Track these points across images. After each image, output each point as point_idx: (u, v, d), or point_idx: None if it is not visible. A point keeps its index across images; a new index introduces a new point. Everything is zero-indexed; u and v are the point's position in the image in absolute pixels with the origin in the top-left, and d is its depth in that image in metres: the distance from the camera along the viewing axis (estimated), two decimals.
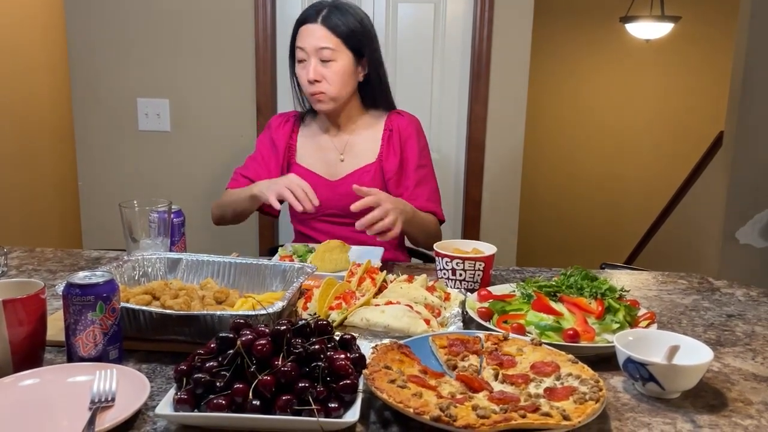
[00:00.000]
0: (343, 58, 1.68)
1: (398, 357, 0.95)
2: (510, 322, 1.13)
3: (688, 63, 5.83)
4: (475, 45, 2.75)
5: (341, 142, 1.83)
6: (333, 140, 1.84)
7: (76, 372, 0.92)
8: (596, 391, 0.85)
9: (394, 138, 1.81)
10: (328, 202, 1.71)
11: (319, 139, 1.85)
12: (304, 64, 1.69)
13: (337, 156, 1.82)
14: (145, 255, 1.27)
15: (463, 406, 0.82)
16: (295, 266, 1.25)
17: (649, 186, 6.00)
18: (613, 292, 1.17)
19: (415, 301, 1.19)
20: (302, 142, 1.86)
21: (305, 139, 1.86)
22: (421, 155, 1.83)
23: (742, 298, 1.42)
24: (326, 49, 1.66)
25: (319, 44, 1.66)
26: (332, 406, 0.81)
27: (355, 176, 1.77)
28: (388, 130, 1.82)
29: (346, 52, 1.69)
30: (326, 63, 1.67)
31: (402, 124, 1.82)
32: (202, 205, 2.85)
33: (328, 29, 1.66)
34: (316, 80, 1.68)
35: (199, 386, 0.81)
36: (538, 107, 5.52)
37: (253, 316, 0.97)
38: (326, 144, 1.84)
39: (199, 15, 2.76)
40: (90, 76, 2.83)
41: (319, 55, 1.67)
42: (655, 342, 0.98)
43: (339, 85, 1.70)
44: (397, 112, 1.86)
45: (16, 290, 0.98)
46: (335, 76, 1.69)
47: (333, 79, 1.69)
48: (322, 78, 1.68)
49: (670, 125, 5.98)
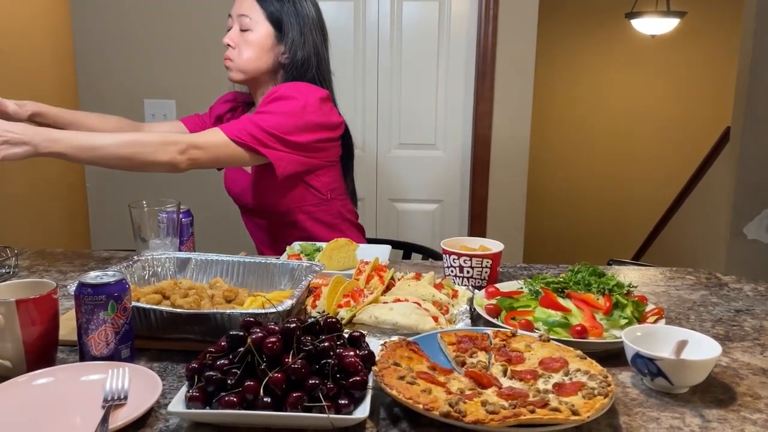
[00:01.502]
0: (260, 30, 1.64)
1: (407, 354, 0.95)
2: (518, 318, 1.13)
3: (694, 58, 5.81)
4: (480, 42, 2.75)
5: None
6: None
7: (88, 371, 0.93)
8: (605, 387, 0.85)
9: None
10: (245, 194, 1.73)
11: None
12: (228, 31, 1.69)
13: None
14: (154, 255, 1.28)
15: (472, 402, 0.82)
16: (304, 265, 1.25)
17: (655, 182, 5.98)
18: (620, 288, 1.17)
19: (423, 298, 1.19)
20: None
21: None
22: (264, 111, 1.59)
23: (751, 293, 1.41)
24: (245, 17, 1.64)
25: (241, 11, 1.64)
26: (342, 403, 0.81)
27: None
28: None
29: (266, 26, 1.65)
30: (244, 32, 1.65)
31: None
32: (210, 204, 2.86)
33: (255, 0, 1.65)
34: (230, 45, 1.66)
35: (211, 384, 0.82)
36: (544, 104, 5.52)
37: (262, 315, 0.98)
38: None
39: (205, 16, 2.77)
40: (97, 78, 2.85)
41: (240, 23, 1.65)
42: (664, 337, 0.98)
43: (247, 55, 1.65)
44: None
45: (29, 290, 0.99)
46: (246, 44, 1.65)
47: (243, 47, 1.65)
48: (236, 45, 1.66)
49: (677, 120, 5.96)
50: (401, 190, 3.00)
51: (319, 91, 1.65)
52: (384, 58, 2.86)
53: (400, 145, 2.96)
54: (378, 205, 3.02)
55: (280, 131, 1.56)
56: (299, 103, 1.59)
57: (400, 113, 2.92)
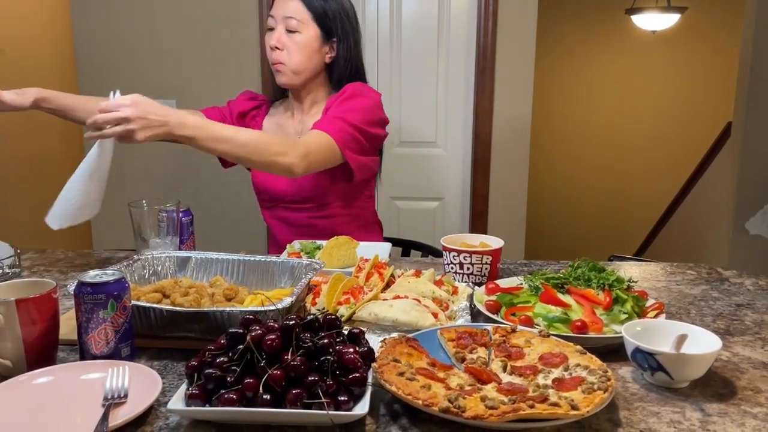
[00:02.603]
0: (308, 31, 1.65)
1: (406, 350, 0.95)
2: (518, 314, 1.13)
3: (695, 53, 5.80)
4: (480, 39, 2.75)
5: (300, 124, 1.78)
6: (295, 124, 1.79)
7: (88, 369, 0.94)
8: (604, 381, 0.85)
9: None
10: (288, 190, 1.71)
11: (282, 121, 1.82)
12: (272, 32, 1.67)
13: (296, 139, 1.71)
14: (154, 254, 1.29)
15: (472, 397, 0.82)
16: (303, 263, 1.25)
17: (657, 178, 5.97)
18: (620, 283, 1.17)
19: (423, 295, 1.19)
20: (266, 124, 1.83)
21: (270, 120, 1.83)
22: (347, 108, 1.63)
23: (751, 287, 1.41)
24: (292, 19, 1.64)
25: (287, 13, 1.64)
26: (342, 399, 0.81)
27: None
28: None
29: (314, 27, 1.66)
30: (291, 34, 1.65)
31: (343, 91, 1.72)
32: (210, 203, 2.87)
33: (300, 1, 1.64)
34: (278, 47, 1.66)
35: (210, 381, 0.82)
36: (545, 100, 5.51)
37: (262, 312, 0.98)
38: (288, 127, 1.80)
39: (205, 17, 2.77)
40: (97, 78, 2.85)
41: (286, 24, 1.64)
42: (664, 332, 0.98)
43: (299, 58, 1.66)
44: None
45: (29, 290, 0.99)
46: (296, 46, 1.65)
47: (293, 49, 1.65)
48: (284, 47, 1.65)
49: (678, 116, 5.95)
50: (402, 188, 3.00)
51: (375, 91, 1.73)
52: (384, 56, 2.86)
53: (400, 143, 2.96)
54: (379, 202, 3.02)
55: (364, 124, 1.63)
56: (371, 101, 1.68)
57: (400, 111, 2.92)
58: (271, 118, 1.84)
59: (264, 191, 1.80)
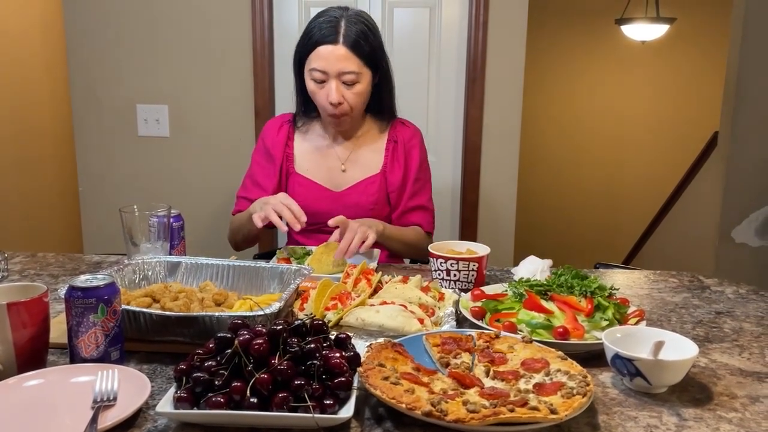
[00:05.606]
0: (365, 79, 1.66)
1: (392, 355, 0.97)
2: (502, 320, 1.16)
3: (684, 64, 5.86)
4: (471, 48, 2.78)
5: (344, 151, 1.80)
6: (336, 149, 1.80)
7: (78, 373, 0.95)
8: (584, 386, 0.87)
9: (399, 149, 1.79)
10: (331, 213, 1.62)
11: (319, 146, 1.81)
12: (322, 84, 1.64)
13: (339, 165, 1.79)
14: (145, 259, 1.30)
15: (454, 401, 0.84)
16: (293, 268, 1.27)
17: (645, 187, 6.02)
18: (602, 290, 1.19)
19: (410, 301, 1.22)
20: (300, 149, 1.80)
21: (303, 145, 1.81)
22: (421, 168, 1.83)
23: (732, 295, 1.44)
24: (350, 74, 1.62)
25: (344, 69, 1.61)
26: (327, 403, 0.83)
27: (360, 187, 1.76)
28: (392, 141, 1.80)
29: (367, 71, 1.66)
30: (350, 86, 1.64)
31: (406, 135, 1.82)
32: (201, 209, 2.88)
33: (350, 50, 1.60)
34: (341, 102, 1.64)
35: (199, 385, 0.84)
36: (534, 110, 5.56)
37: (250, 317, 1.00)
38: (328, 152, 1.80)
39: (197, 21, 2.79)
40: (90, 83, 2.86)
41: (342, 79, 1.62)
42: (643, 339, 1.00)
43: (361, 105, 1.71)
44: (400, 121, 1.84)
45: (20, 294, 1.01)
46: (358, 97, 1.66)
47: (356, 100, 1.66)
48: (344, 100, 1.65)
49: (666, 126, 6.01)
50: None
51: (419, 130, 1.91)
52: None
53: None
54: None
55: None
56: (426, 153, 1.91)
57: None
58: (303, 145, 1.82)
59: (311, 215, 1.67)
